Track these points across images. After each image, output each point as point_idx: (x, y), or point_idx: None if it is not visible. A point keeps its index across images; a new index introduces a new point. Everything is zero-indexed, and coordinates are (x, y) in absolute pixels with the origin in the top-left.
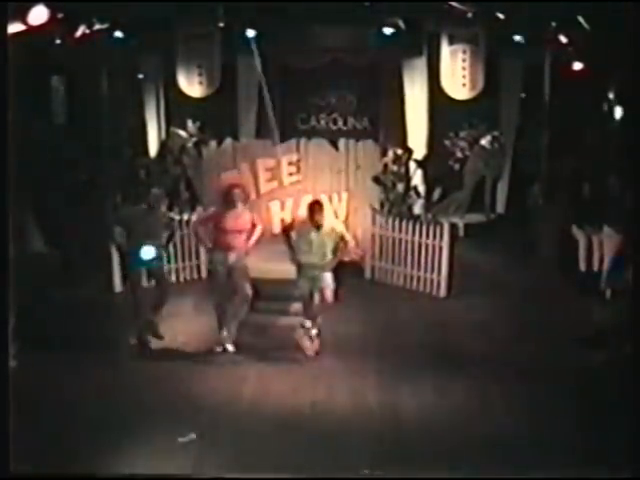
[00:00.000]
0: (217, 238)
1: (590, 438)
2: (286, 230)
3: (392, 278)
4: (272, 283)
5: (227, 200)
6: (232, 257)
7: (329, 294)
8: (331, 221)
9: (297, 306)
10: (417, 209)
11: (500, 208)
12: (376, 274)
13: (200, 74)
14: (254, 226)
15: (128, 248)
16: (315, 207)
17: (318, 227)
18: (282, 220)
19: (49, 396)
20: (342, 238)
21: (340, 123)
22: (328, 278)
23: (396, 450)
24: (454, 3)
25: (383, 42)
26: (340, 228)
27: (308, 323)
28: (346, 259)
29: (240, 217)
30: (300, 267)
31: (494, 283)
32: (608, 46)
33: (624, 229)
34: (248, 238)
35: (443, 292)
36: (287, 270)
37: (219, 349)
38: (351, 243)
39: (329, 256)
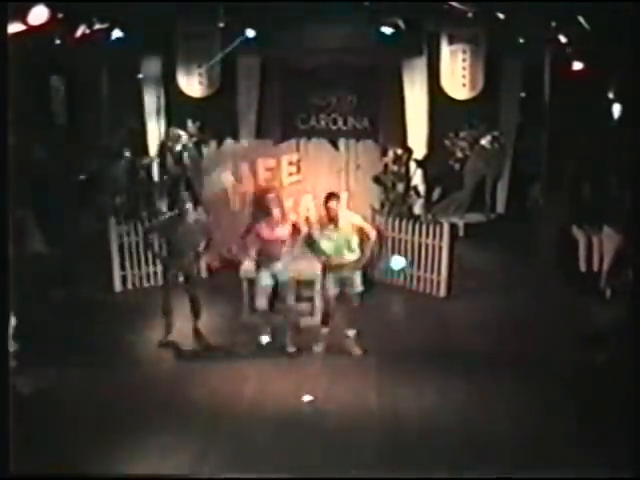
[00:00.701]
0: (261, 249)
1: (590, 438)
2: (308, 238)
3: (392, 278)
4: None
5: (262, 208)
6: (278, 267)
7: (356, 298)
8: (347, 214)
9: (302, 306)
10: (417, 209)
11: (500, 208)
12: (375, 273)
13: (200, 74)
14: (298, 231)
15: (168, 256)
16: (330, 199)
17: (335, 223)
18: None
19: (49, 396)
20: (363, 230)
21: (340, 123)
22: (358, 281)
23: (396, 450)
24: (454, 3)
25: (383, 42)
26: (358, 220)
27: (325, 330)
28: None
29: (279, 225)
30: (330, 268)
31: (494, 283)
32: (608, 46)
33: (624, 229)
34: (292, 245)
35: (443, 292)
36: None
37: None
38: (372, 235)
39: (357, 252)
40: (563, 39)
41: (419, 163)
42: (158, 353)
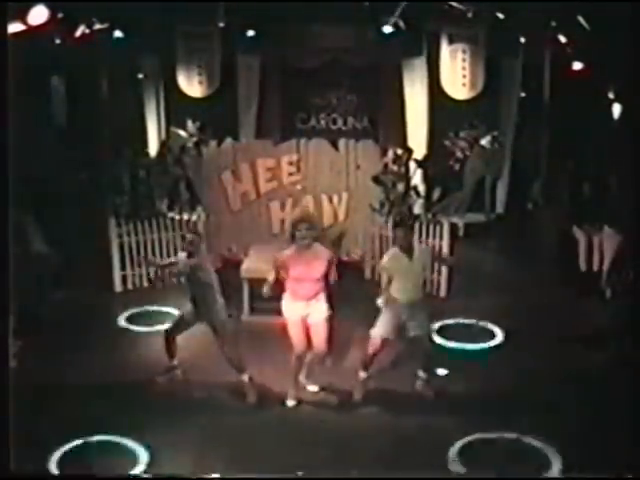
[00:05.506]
0: (291, 286)
1: (590, 438)
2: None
3: None
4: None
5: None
6: (309, 308)
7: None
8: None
9: None
10: (417, 209)
11: (500, 208)
12: (376, 274)
13: (200, 74)
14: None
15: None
16: (402, 224)
17: (410, 251)
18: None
19: (49, 396)
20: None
21: (340, 123)
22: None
23: (396, 450)
24: (454, 3)
25: (383, 42)
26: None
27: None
28: (346, 258)
29: (314, 260)
30: (392, 304)
31: (494, 283)
32: (608, 46)
33: (624, 229)
34: (327, 282)
35: (443, 292)
36: None
37: (291, 403)
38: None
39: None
40: (563, 39)
41: (419, 163)
42: (158, 353)
